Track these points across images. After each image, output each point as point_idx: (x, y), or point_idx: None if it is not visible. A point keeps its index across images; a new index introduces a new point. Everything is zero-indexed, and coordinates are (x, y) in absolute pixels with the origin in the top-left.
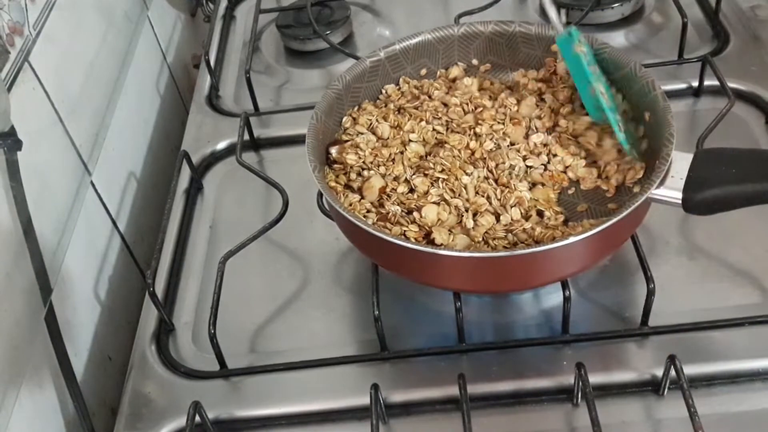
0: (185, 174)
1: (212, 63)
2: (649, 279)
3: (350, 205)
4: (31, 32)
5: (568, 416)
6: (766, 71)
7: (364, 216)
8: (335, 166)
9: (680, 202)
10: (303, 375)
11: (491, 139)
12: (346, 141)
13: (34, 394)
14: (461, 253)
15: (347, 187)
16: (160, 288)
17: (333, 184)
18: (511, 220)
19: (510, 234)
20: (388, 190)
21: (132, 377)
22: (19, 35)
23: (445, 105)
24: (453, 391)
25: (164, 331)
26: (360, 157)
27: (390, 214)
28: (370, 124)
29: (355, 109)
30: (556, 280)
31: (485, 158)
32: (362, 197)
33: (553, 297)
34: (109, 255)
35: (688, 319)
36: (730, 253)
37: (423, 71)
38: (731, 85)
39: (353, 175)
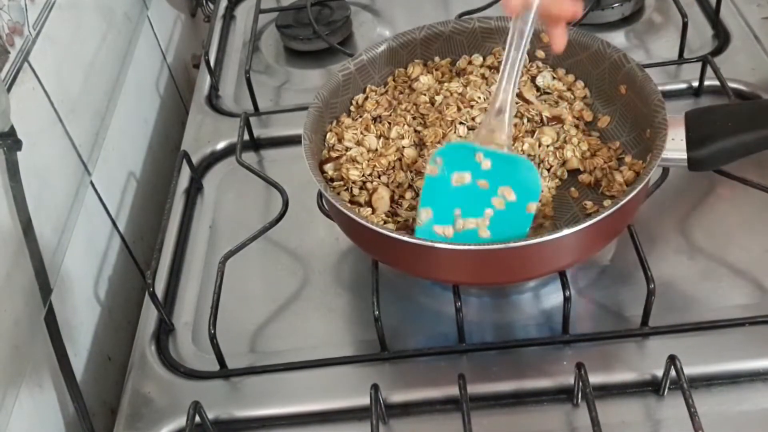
0: (185, 174)
1: (212, 63)
2: (649, 279)
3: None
4: (31, 32)
5: (569, 416)
6: (767, 71)
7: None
8: (334, 183)
9: (686, 161)
10: (303, 375)
11: (460, 123)
12: (337, 157)
13: (34, 394)
14: (460, 246)
15: (353, 202)
16: (160, 288)
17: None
18: None
19: None
20: (396, 198)
21: (132, 377)
22: (19, 35)
23: (415, 105)
24: (453, 391)
25: (164, 331)
26: (360, 171)
27: (410, 221)
28: (356, 137)
29: (334, 124)
30: (571, 264)
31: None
32: (374, 210)
33: (553, 297)
34: (109, 255)
35: (688, 319)
36: (730, 253)
37: (389, 78)
38: (731, 85)
39: (356, 190)
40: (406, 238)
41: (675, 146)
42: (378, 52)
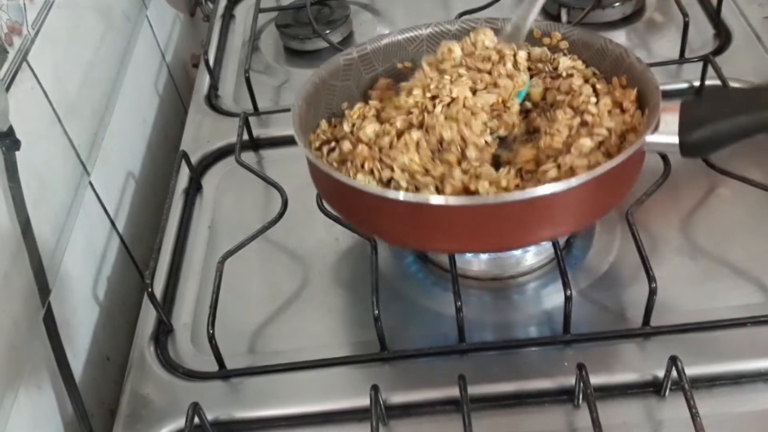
0: (184, 174)
1: (211, 62)
2: (650, 279)
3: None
4: (30, 32)
5: (569, 417)
6: None
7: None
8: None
9: (677, 145)
10: (302, 376)
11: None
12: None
13: (32, 395)
14: (441, 200)
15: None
16: (158, 288)
17: None
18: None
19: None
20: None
21: (131, 378)
22: (18, 35)
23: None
24: (453, 392)
25: (163, 331)
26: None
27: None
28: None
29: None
30: (549, 237)
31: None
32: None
33: (554, 297)
34: (108, 255)
35: (689, 319)
36: (732, 252)
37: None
38: (733, 84)
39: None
40: (378, 192)
41: (668, 129)
42: (382, 44)
